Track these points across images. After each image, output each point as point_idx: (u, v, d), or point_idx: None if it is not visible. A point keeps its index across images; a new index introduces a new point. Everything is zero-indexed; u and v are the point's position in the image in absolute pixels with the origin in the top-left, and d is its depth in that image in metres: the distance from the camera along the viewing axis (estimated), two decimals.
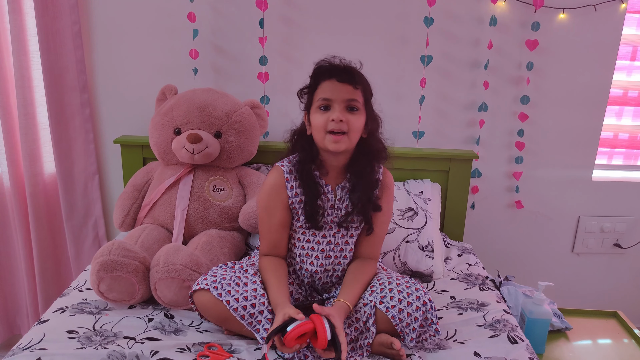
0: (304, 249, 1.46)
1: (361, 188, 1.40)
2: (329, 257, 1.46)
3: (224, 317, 1.33)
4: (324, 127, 1.32)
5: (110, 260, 1.42)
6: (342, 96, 1.31)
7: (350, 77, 1.32)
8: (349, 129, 1.32)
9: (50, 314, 1.42)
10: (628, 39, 2.10)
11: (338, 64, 1.36)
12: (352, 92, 1.32)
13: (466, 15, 2.00)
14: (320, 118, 1.33)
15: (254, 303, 1.31)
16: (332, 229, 1.44)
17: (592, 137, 2.17)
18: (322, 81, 1.34)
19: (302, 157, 1.41)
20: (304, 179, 1.39)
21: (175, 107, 1.80)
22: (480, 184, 2.20)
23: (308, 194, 1.39)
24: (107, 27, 1.99)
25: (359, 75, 1.35)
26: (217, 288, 1.32)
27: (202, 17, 1.96)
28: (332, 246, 1.45)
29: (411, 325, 1.32)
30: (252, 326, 1.30)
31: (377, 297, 1.35)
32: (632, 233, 2.30)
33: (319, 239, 1.45)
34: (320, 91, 1.34)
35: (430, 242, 1.80)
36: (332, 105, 1.32)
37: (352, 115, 1.33)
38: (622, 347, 1.72)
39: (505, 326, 1.44)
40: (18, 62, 1.90)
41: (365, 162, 1.41)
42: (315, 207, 1.40)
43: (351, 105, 1.33)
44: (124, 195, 1.84)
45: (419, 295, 1.33)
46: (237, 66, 2.03)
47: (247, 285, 1.35)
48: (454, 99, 2.10)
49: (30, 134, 1.99)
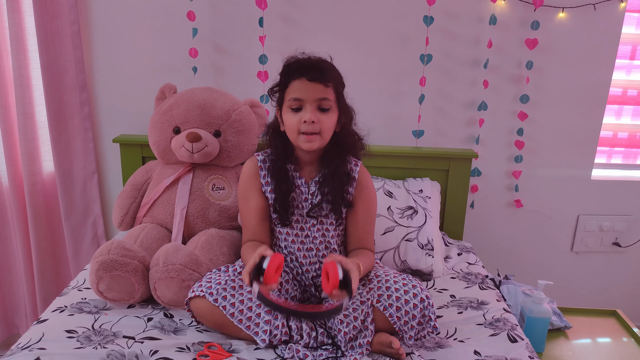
0: (286, 240, 1.47)
1: (331, 179, 1.40)
2: (310, 249, 1.47)
3: (222, 323, 1.33)
4: (297, 128, 1.33)
5: (109, 260, 1.42)
6: (313, 96, 1.31)
7: (320, 75, 1.30)
8: (322, 129, 1.33)
9: (49, 313, 1.41)
10: (627, 38, 2.10)
11: (308, 60, 1.34)
12: (324, 90, 1.31)
13: (466, 14, 2.00)
14: (293, 119, 1.33)
15: (251, 306, 1.31)
16: (308, 222, 1.45)
17: (591, 136, 2.17)
18: (292, 80, 1.33)
19: (276, 155, 1.43)
20: (275, 176, 1.42)
21: (174, 106, 1.80)
22: (480, 183, 2.20)
23: (279, 191, 1.41)
24: (106, 26, 1.99)
25: (330, 72, 1.34)
26: (213, 294, 1.32)
27: (201, 15, 1.96)
28: (310, 238, 1.46)
29: (409, 324, 1.31)
30: (250, 330, 1.30)
31: (375, 296, 1.35)
32: (631, 232, 2.30)
33: (297, 232, 1.45)
34: (290, 90, 1.33)
35: (430, 240, 1.80)
36: (303, 105, 1.32)
37: (324, 115, 1.33)
38: (622, 345, 1.73)
39: (505, 325, 1.44)
40: (17, 61, 1.90)
41: (336, 154, 1.41)
42: (285, 204, 1.41)
43: (322, 105, 1.32)
44: (123, 195, 1.83)
45: (416, 292, 1.33)
46: (236, 65, 2.03)
47: (242, 288, 1.35)
48: (453, 98, 2.10)
49: (29, 133, 1.98)
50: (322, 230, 1.46)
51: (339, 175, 1.41)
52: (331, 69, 1.36)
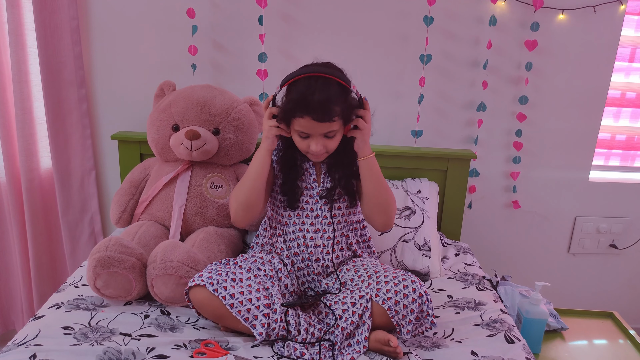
0: (295, 225, 1.52)
1: (340, 167, 1.50)
2: (317, 230, 1.51)
3: (220, 314, 1.33)
4: (305, 151, 1.43)
5: (107, 257, 1.42)
6: (319, 131, 1.37)
7: (325, 116, 1.33)
8: (328, 150, 1.42)
9: (46, 309, 1.41)
10: (627, 40, 2.10)
11: (314, 99, 1.31)
12: (329, 126, 1.36)
13: (466, 15, 2.00)
14: (301, 143, 1.42)
15: (250, 299, 1.32)
16: (319, 202, 1.52)
17: (589, 138, 2.17)
18: (297, 116, 1.35)
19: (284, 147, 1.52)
20: (283, 163, 1.52)
21: (173, 104, 1.79)
22: (478, 183, 2.20)
23: (287, 176, 1.51)
24: (106, 22, 1.98)
25: (335, 105, 1.34)
26: (213, 284, 1.32)
27: (201, 13, 1.95)
28: (320, 219, 1.51)
29: (407, 318, 1.32)
30: (248, 322, 1.30)
31: (373, 290, 1.36)
32: (628, 234, 2.30)
33: (308, 213, 1.52)
34: (296, 123, 1.37)
35: (427, 241, 1.80)
36: (310, 136, 1.39)
37: (330, 140, 1.40)
38: (618, 347, 1.73)
39: (502, 326, 1.44)
40: (15, 56, 1.89)
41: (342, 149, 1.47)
42: (293, 187, 1.51)
43: (328, 135, 1.39)
44: (120, 192, 1.83)
45: (414, 287, 1.34)
46: (236, 63, 2.03)
47: (242, 281, 1.35)
48: (452, 99, 2.10)
49: (26, 128, 1.98)
50: (333, 209, 1.52)
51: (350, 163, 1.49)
52: (336, 98, 1.34)
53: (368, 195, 1.48)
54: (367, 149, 1.44)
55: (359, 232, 1.62)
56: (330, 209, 1.52)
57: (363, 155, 1.44)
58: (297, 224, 1.52)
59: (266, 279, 1.42)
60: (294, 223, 1.52)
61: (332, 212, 1.52)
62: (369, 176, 1.46)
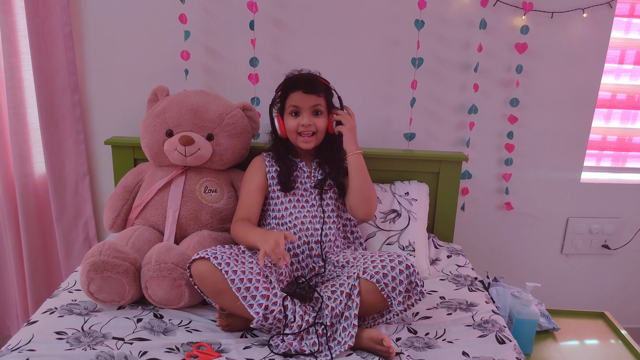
0: (291, 215, 1.65)
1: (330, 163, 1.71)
2: (315, 216, 1.65)
3: (220, 289, 1.36)
4: (296, 129, 1.66)
5: (100, 261, 1.42)
6: (308, 104, 1.64)
7: (313, 88, 1.63)
8: (317, 130, 1.66)
9: (40, 315, 1.42)
10: (616, 42, 2.12)
11: (303, 76, 1.67)
12: (316, 99, 1.64)
13: (456, 19, 2.02)
14: (293, 122, 1.66)
15: (250, 278, 1.35)
16: (312, 194, 1.69)
17: (580, 139, 2.19)
18: (290, 92, 1.65)
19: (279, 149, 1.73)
20: (279, 159, 1.72)
21: (167, 109, 1.80)
22: (470, 185, 2.22)
23: (283, 166, 1.70)
24: (98, 28, 1.99)
25: (320, 85, 1.66)
26: (217, 258, 1.37)
27: (193, 18, 1.96)
28: (315, 207, 1.67)
29: (397, 289, 1.36)
30: (246, 300, 1.33)
31: (360, 269, 1.40)
32: (620, 234, 2.32)
33: (303, 204, 1.68)
34: (290, 100, 1.65)
35: (411, 242, 1.81)
36: (301, 112, 1.64)
37: (318, 118, 1.66)
38: (609, 347, 1.74)
39: (494, 326, 1.45)
40: (9, 62, 1.90)
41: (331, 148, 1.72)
42: (288, 174, 1.69)
43: (316, 110, 1.65)
44: (114, 197, 1.83)
45: (400, 260, 1.39)
46: (227, 67, 2.04)
47: (244, 264, 1.39)
48: (444, 101, 2.11)
49: (20, 134, 1.98)
50: (326, 199, 1.69)
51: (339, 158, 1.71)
52: (321, 83, 1.67)
53: (354, 188, 1.65)
54: (354, 146, 1.65)
55: (348, 228, 1.75)
56: (320, 194, 1.69)
57: (351, 151, 1.64)
58: (294, 214, 1.65)
59: (265, 268, 1.45)
60: (290, 214, 1.65)
61: (322, 198, 1.69)
62: (355, 171, 1.64)
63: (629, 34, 2.14)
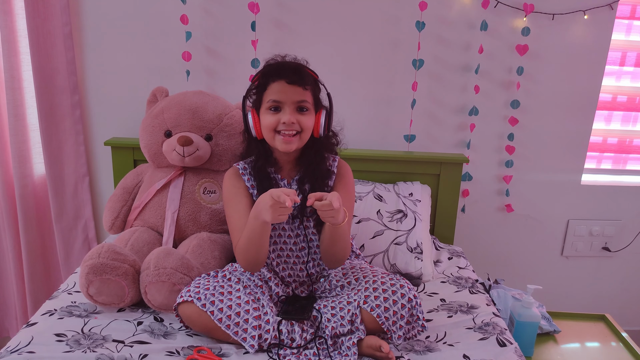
0: (276, 244, 1.47)
1: (311, 178, 1.43)
2: (302, 248, 1.48)
3: (210, 328, 1.33)
4: (274, 128, 1.36)
5: (99, 263, 1.42)
6: (292, 98, 1.34)
7: (299, 79, 1.34)
8: (302, 129, 1.37)
9: (39, 316, 1.41)
10: (617, 44, 2.12)
11: (287, 64, 1.37)
12: (302, 93, 1.35)
13: (457, 20, 2.01)
14: (271, 119, 1.35)
15: (239, 312, 1.31)
16: (295, 222, 1.46)
17: (581, 141, 2.19)
18: (271, 82, 1.35)
19: (255, 157, 1.45)
20: (257, 176, 1.44)
21: (166, 110, 1.80)
22: (471, 187, 2.21)
23: (261, 190, 1.40)
24: (98, 28, 1.99)
25: (308, 75, 1.37)
26: (201, 299, 1.32)
27: (194, 19, 1.96)
28: (300, 238, 1.47)
29: (397, 323, 1.32)
30: (238, 335, 1.30)
31: (362, 297, 1.35)
32: (620, 237, 2.32)
33: (289, 233, 1.47)
34: (269, 92, 1.35)
35: (419, 243, 1.80)
36: (282, 107, 1.35)
37: (303, 116, 1.36)
38: (610, 350, 1.74)
39: (495, 329, 1.45)
40: (8, 63, 1.90)
41: (313, 153, 1.44)
42: None
43: (301, 106, 1.36)
44: (113, 198, 1.83)
45: (404, 292, 1.34)
46: (229, 69, 2.03)
47: (231, 293, 1.35)
48: (445, 103, 2.11)
49: (19, 135, 1.98)
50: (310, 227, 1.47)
51: (319, 172, 1.44)
52: (309, 73, 1.39)
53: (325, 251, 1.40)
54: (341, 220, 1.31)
55: None
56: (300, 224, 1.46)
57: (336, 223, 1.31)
58: (278, 243, 1.48)
59: (256, 288, 1.42)
60: (275, 242, 1.47)
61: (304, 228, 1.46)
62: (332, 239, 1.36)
63: (630, 36, 2.14)
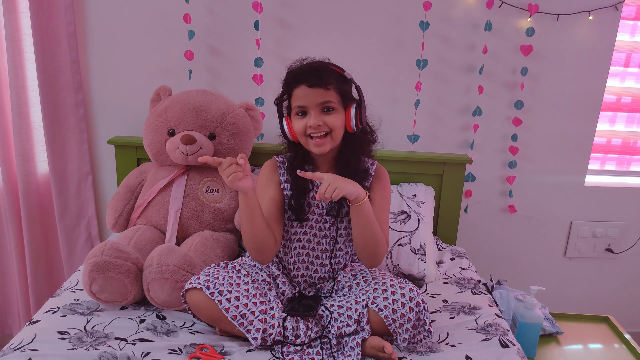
0: (300, 241, 1.48)
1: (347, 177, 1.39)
2: (324, 250, 1.49)
3: (216, 317, 1.33)
4: (304, 132, 1.38)
5: (102, 261, 1.42)
6: (314, 100, 1.35)
7: (318, 80, 1.34)
8: (331, 129, 1.37)
9: (42, 314, 1.41)
10: (622, 45, 2.11)
11: (306, 67, 1.38)
12: (324, 94, 1.35)
13: (461, 20, 2.01)
14: (299, 124, 1.38)
15: (246, 303, 1.32)
16: (327, 222, 1.48)
17: (585, 142, 2.18)
18: (294, 88, 1.37)
19: (293, 157, 1.48)
20: (292, 174, 1.45)
21: (169, 109, 1.80)
22: (474, 188, 2.21)
23: (295, 188, 1.44)
24: (102, 27, 1.99)
25: (329, 75, 1.36)
26: (210, 287, 1.32)
27: (197, 18, 1.96)
28: (327, 239, 1.48)
29: (404, 326, 1.32)
30: (243, 327, 1.30)
31: (370, 297, 1.36)
32: (624, 238, 2.31)
33: (316, 232, 1.48)
34: (294, 98, 1.38)
35: (422, 245, 1.80)
36: (308, 111, 1.37)
37: (329, 116, 1.36)
38: (613, 352, 1.73)
39: (497, 330, 1.45)
40: (12, 62, 1.90)
41: (349, 152, 1.44)
42: (300, 200, 1.44)
43: (326, 107, 1.36)
44: (117, 196, 1.83)
45: (412, 296, 1.34)
46: (232, 68, 2.03)
47: (240, 285, 1.35)
48: (448, 103, 2.11)
49: (23, 133, 1.98)
50: (340, 229, 1.48)
51: (357, 173, 1.44)
52: (330, 71, 1.37)
53: (358, 242, 1.40)
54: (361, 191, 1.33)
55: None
56: (335, 225, 1.47)
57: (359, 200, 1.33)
58: (302, 241, 1.49)
59: (264, 284, 1.43)
60: (299, 240, 1.49)
61: (337, 229, 1.47)
62: (362, 222, 1.37)
63: (635, 37, 2.13)
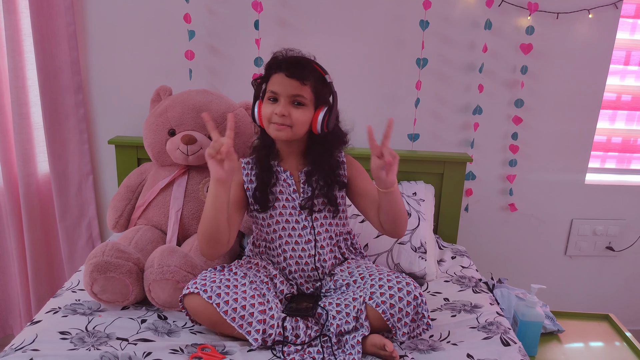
0: (281, 238, 1.49)
1: (321, 170, 1.45)
2: (308, 241, 1.49)
3: (215, 321, 1.33)
4: (269, 118, 1.39)
5: (103, 262, 1.42)
6: (288, 91, 1.36)
7: (298, 73, 1.35)
8: (293, 123, 1.37)
9: (43, 314, 1.41)
10: (621, 43, 2.11)
11: (291, 57, 1.40)
12: (299, 87, 1.35)
13: (461, 19, 2.01)
14: (268, 109, 1.39)
15: (244, 305, 1.32)
16: (302, 213, 1.48)
17: (585, 140, 2.18)
18: (273, 74, 1.38)
19: (260, 147, 1.48)
20: (259, 165, 1.47)
21: (169, 108, 1.80)
22: (475, 186, 2.21)
23: (260, 179, 1.45)
24: (102, 28, 1.99)
25: (309, 72, 1.37)
26: (207, 291, 1.32)
27: (197, 18, 1.96)
28: (307, 230, 1.48)
29: (402, 320, 1.32)
30: (242, 328, 1.30)
31: (367, 293, 1.36)
32: (624, 236, 2.31)
33: (294, 225, 1.48)
34: (270, 83, 1.39)
35: (423, 243, 1.80)
36: (279, 99, 1.37)
37: (297, 110, 1.37)
38: (614, 350, 1.73)
39: (498, 328, 1.45)
40: (13, 62, 1.90)
41: (322, 150, 1.45)
42: (265, 191, 1.45)
43: (297, 100, 1.37)
44: (117, 196, 1.83)
45: (409, 290, 1.34)
46: (232, 67, 2.03)
47: (237, 287, 1.35)
48: (449, 102, 2.11)
49: (24, 134, 1.98)
50: (320, 219, 1.49)
51: (330, 167, 1.46)
52: (312, 68, 1.39)
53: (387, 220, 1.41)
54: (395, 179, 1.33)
55: (349, 242, 1.60)
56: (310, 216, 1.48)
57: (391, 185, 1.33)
58: (283, 237, 1.49)
59: (262, 284, 1.43)
60: (280, 237, 1.49)
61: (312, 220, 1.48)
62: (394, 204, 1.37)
63: (635, 34, 2.13)
